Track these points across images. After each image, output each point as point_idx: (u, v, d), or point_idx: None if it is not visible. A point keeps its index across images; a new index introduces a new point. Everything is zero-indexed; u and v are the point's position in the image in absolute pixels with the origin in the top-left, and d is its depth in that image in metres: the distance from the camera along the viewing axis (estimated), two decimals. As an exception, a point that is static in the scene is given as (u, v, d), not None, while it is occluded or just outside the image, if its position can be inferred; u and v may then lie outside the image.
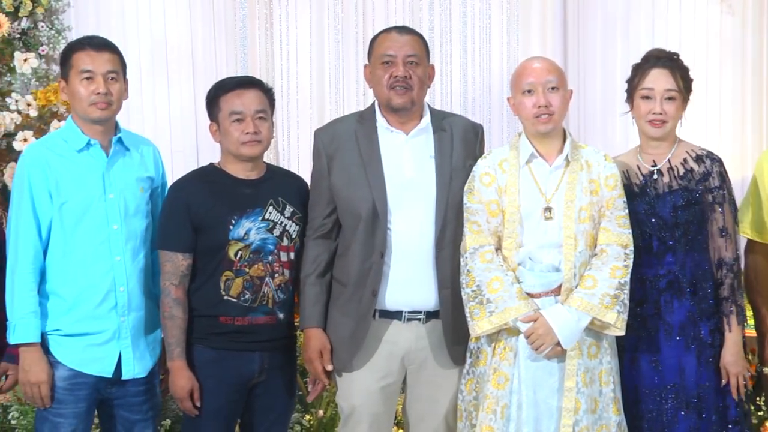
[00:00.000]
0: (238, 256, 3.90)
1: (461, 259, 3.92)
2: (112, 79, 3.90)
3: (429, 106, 4.15)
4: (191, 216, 3.91)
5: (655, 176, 4.02)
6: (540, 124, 3.83)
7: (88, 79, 3.86)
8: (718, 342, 3.94)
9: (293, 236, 4.00)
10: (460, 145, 4.05)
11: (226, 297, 3.89)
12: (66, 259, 3.86)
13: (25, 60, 5.45)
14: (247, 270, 3.91)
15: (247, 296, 3.91)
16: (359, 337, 4.00)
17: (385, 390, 4.04)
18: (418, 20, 5.84)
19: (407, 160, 4.02)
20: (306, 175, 4.26)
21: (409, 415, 4.16)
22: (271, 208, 3.97)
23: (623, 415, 3.89)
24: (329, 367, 4.02)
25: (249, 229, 3.93)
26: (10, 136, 5.37)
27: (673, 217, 3.95)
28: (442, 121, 4.11)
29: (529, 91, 3.85)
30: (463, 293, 3.89)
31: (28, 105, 5.43)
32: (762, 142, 5.71)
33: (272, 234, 3.94)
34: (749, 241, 4.20)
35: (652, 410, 4.00)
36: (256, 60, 5.83)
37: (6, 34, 5.43)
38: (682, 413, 3.96)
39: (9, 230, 3.89)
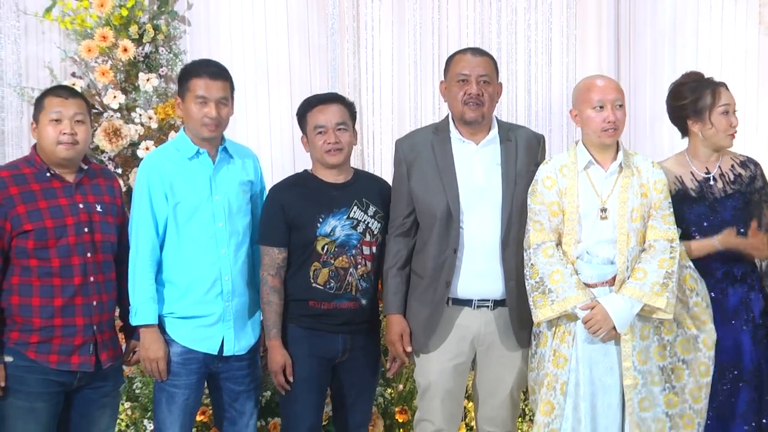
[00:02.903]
0: (325, 249, 3.96)
1: (525, 254, 3.93)
2: (223, 104, 3.96)
3: (496, 118, 4.16)
4: (285, 216, 3.97)
5: (711, 182, 4.07)
6: (606, 137, 3.85)
7: (202, 103, 3.92)
8: (766, 317, 4.04)
9: (375, 233, 4.04)
10: (523, 153, 4.06)
11: (314, 284, 3.96)
12: (179, 252, 3.94)
13: (148, 80, 5.50)
14: (332, 261, 3.97)
15: (332, 284, 3.97)
16: (434, 323, 4.03)
17: (456, 368, 4.09)
18: (487, 42, 5.82)
19: (477, 168, 4.03)
20: (388, 178, 4.28)
21: (478, 390, 4.18)
22: (355, 207, 4.01)
23: (688, 380, 3.93)
24: (409, 349, 4.06)
25: (335, 227, 3.98)
26: (134, 145, 5.44)
27: (734, 218, 4.01)
28: (508, 132, 4.11)
29: (600, 107, 3.85)
30: (527, 284, 3.91)
31: (150, 118, 5.49)
32: None
33: (356, 230, 3.99)
34: None
35: (711, 392, 4.00)
36: (345, 79, 5.85)
37: (132, 58, 5.48)
38: (740, 385, 4.00)
39: (131, 228, 3.97)
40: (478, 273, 4.00)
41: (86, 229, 3.74)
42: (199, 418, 4.69)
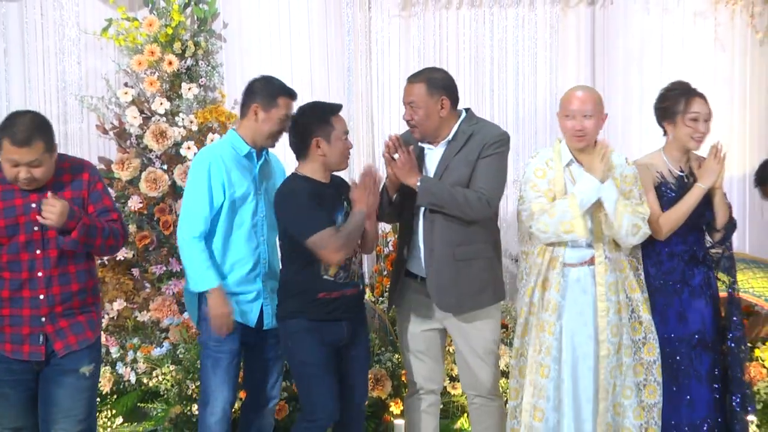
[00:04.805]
0: None
1: (529, 228, 3.92)
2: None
3: (466, 117, 4.07)
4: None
5: (684, 180, 4.10)
6: (576, 142, 3.90)
7: (285, 120, 3.99)
8: (718, 292, 4.14)
9: None
10: (470, 147, 3.99)
11: (325, 277, 3.84)
12: (228, 237, 4.02)
13: (189, 89, 5.69)
14: None
15: (341, 275, 3.88)
16: (396, 290, 4.18)
17: (425, 333, 4.15)
18: (481, 56, 5.95)
19: (433, 166, 4.06)
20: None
21: (455, 354, 4.26)
22: (345, 202, 3.95)
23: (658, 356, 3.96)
24: None
25: (341, 222, 3.89)
26: (177, 145, 5.65)
27: (702, 208, 4.07)
28: (471, 126, 4.05)
29: (568, 116, 3.89)
30: (546, 239, 3.90)
31: (191, 122, 5.67)
32: (746, 151, 5.77)
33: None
34: None
35: (682, 353, 4.07)
36: (359, 87, 5.96)
37: (176, 70, 5.70)
38: (705, 351, 4.06)
39: (184, 210, 3.97)
40: (418, 252, 4.06)
41: (36, 228, 3.50)
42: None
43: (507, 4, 5.93)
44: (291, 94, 4.08)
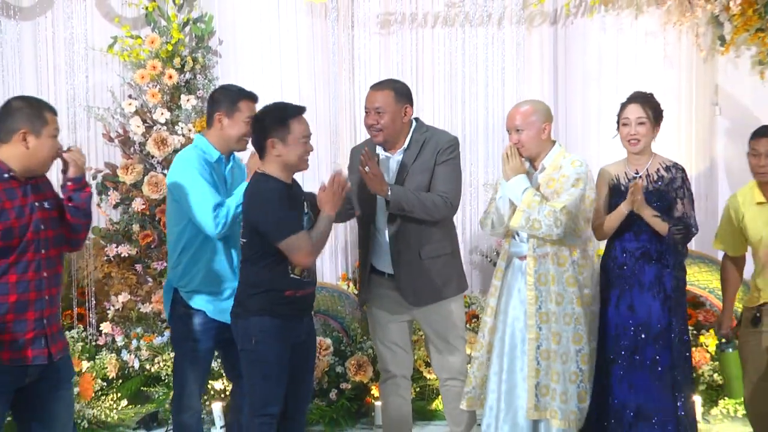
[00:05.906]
0: None
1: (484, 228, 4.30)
2: None
3: (417, 126, 4.16)
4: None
5: (638, 181, 4.18)
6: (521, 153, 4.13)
7: (247, 123, 3.92)
8: (676, 291, 4.21)
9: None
10: (425, 153, 4.09)
11: (292, 275, 3.71)
12: (206, 238, 3.96)
13: (188, 100, 5.85)
14: None
15: (305, 273, 3.77)
16: (366, 287, 4.29)
17: (394, 325, 4.27)
18: (455, 70, 6.10)
19: (391, 171, 4.19)
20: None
21: (427, 342, 4.40)
22: (306, 202, 3.85)
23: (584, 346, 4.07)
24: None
25: (305, 221, 3.80)
26: (177, 151, 5.44)
27: (653, 209, 4.15)
28: (423, 134, 4.14)
29: (508, 132, 4.16)
30: (492, 232, 4.26)
31: (189, 130, 5.82)
32: (692, 158, 5.90)
33: (310, 222, 3.82)
34: (725, 254, 4.52)
35: (627, 345, 4.18)
36: (343, 99, 6.07)
37: (175, 83, 5.87)
38: (649, 342, 4.16)
39: (196, 205, 3.81)
40: (387, 250, 4.18)
41: (42, 226, 3.32)
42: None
43: (477, 24, 6.07)
44: (251, 97, 4.02)
